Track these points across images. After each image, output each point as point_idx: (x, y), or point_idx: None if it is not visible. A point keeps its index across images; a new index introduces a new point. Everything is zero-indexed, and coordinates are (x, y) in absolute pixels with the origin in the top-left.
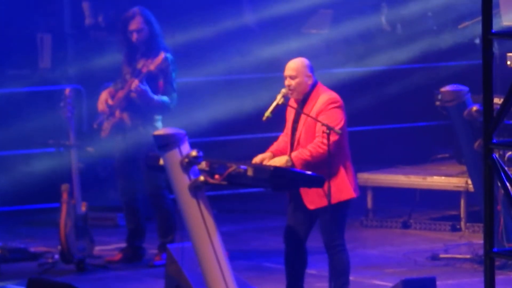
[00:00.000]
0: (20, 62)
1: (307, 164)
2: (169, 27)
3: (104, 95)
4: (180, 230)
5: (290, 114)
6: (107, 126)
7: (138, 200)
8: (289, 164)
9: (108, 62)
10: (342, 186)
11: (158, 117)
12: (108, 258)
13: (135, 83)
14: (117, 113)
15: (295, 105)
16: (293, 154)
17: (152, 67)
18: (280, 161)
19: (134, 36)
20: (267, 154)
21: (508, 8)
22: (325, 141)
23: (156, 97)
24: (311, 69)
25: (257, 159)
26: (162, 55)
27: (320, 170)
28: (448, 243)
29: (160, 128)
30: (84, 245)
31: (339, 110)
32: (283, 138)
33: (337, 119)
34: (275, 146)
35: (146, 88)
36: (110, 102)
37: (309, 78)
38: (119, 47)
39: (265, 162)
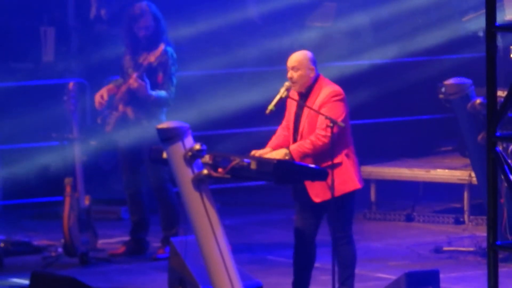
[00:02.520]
0: (23, 56)
1: (308, 157)
2: (172, 21)
3: (100, 91)
4: (183, 223)
5: (292, 107)
6: (111, 121)
7: (142, 193)
8: (288, 157)
9: (112, 55)
10: (347, 178)
11: (162, 110)
12: (112, 251)
13: (133, 76)
14: (121, 107)
15: (296, 97)
16: (292, 147)
17: (152, 58)
18: (278, 154)
19: (142, 32)
20: (266, 149)
21: None
22: (325, 133)
23: (154, 92)
24: (314, 62)
25: (255, 154)
26: (161, 46)
27: (322, 163)
28: (452, 236)
29: (164, 122)
30: (87, 238)
31: (341, 103)
32: (282, 132)
33: (338, 111)
34: (274, 141)
35: (146, 83)
36: (105, 97)
37: (312, 71)
38: (123, 40)
39: (265, 156)
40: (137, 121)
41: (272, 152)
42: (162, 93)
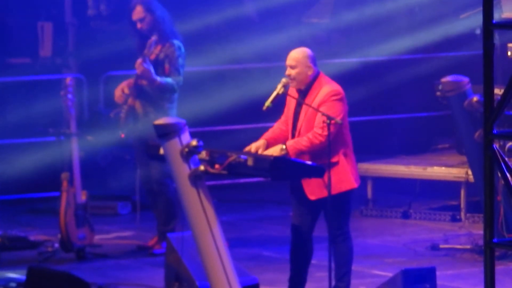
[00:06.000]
0: (21, 51)
1: (305, 154)
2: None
3: (121, 85)
4: (180, 219)
5: (291, 103)
6: (122, 115)
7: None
8: (284, 153)
9: (109, 51)
10: (343, 177)
11: (171, 105)
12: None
13: (138, 62)
14: (130, 100)
15: (295, 94)
16: (288, 143)
17: (162, 55)
18: (275, 150)
19: (138, 25)
20: (261, 141)
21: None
22: (322, 132)
23: (159, 78)
24: (313, 59)
25: (251, 147)
26: (170, 44)
27: (318, 161)
28: (448, 233)
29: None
30: (84, 233)
31: (339, 102)
32: (280, 126)
33: (337, 111)
34: (269, 134)
35: (150, 67)
36: (126, 91)
37: (310, 68)
38: (131, 37)
39: (260, 151)
40: (145, 115)
41: (270, 148)
42: (168, 79)
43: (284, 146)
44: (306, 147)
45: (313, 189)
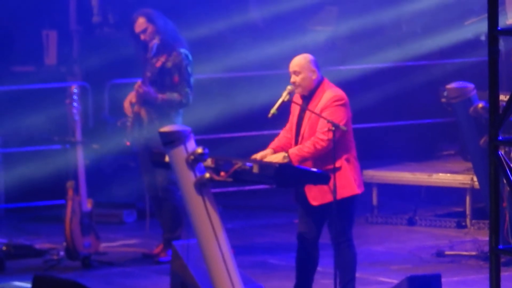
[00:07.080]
0: (25, 59)
1: (308, 161)
2: (174, 24)
3: (129, 96)
4: (185, 227)
5: (295, 110)
6: (129, 123)
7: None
8: (286, 160)
9: (114, 58)
10: (345, 183)
11: (177, 112)
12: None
13: (137, 84)
14: (136, 108)
15: (300, 101)
16: (291, 150)
17: (162, 59)
18: (277, 157)
19: (142, 37)
20: (267, 151)
21: None
22: (324, 137)
23: (160, 95)
24: (316, 64)
25: (257, 156)
26: (177, 53)
27: (321, 167)
28: (454, 240)
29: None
30: (89, 241)
31: (342, 108)
32: (285, 134)
33: (339, 116)
34: (276, 143)
35: (148, 89)
36: (133, 100)
37: (314, 73)
38: (136, 49)
39: (264, 159)
40: (150, 122)
41: (272, 156)
42: (174, 95)
43: (286, 154)
44: (308, 153)
45: (315, 194)
